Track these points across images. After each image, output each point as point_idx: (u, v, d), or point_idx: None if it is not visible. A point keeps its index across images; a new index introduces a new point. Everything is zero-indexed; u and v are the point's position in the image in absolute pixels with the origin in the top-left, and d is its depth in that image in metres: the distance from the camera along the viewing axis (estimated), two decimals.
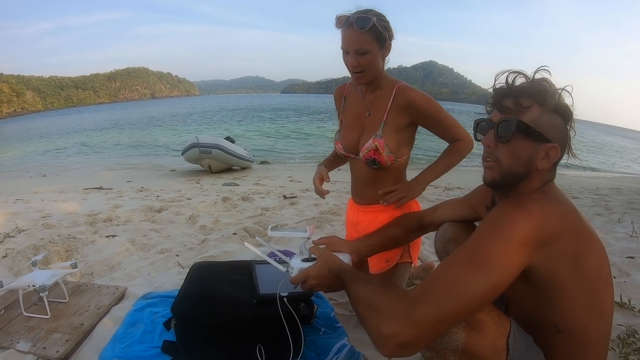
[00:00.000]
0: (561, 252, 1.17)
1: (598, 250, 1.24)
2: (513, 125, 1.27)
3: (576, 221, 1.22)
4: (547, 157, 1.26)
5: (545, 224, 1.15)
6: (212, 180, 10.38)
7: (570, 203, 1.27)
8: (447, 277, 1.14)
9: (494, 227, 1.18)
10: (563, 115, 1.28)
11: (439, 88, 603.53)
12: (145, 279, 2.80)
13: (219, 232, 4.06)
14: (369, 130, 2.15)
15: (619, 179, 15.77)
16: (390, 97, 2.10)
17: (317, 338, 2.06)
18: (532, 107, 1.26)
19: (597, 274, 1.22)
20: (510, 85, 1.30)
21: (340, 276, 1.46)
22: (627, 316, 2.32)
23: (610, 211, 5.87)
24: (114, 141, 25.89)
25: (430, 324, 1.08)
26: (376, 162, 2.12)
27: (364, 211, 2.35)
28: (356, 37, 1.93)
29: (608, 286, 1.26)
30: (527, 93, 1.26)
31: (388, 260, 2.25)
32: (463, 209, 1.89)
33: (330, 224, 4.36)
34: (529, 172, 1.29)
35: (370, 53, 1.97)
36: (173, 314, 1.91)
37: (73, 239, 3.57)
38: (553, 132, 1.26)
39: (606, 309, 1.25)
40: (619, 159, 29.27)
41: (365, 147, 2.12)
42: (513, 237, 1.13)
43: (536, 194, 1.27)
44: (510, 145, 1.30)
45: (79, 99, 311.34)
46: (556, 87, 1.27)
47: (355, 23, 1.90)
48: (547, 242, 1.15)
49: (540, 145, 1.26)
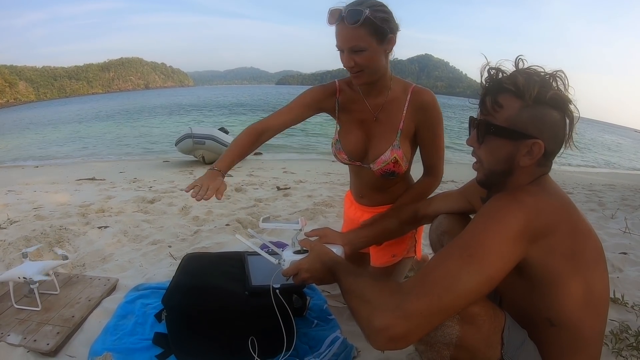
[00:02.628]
0: (556, 246, 1.16)
1: (594, 244, 1.23)
2: (484, 127, 1.28)
3: (572, 214, 1.22)
4: (529, 154, 1.24)
5: (539, 216, 1.15)
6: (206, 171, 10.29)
7: (565, 196, 1.27)
8: (441, 269, 1.12)
9: (488, 219, 1.18)
10: (552, 106, 1.21)
11: (434, 82, 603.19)
12: (137, 271, 2.79)
13: (211, 223, 4.05)
14: (380, 138, 1.99)
15: (612, 176, 15.85)
16: (405, 102, 1.94)
17: (309, 330, 2.06)
18: (510, 103, 1.23)
19: (593, 269, 1.21)
20: (489, 82, 1.28)
21: (332, 269, 1.45)
22: (621, 312, 2.33)
23: (603, 207, 5.88)
24: (107, 132, 25.74)
25: (422, 316, 1.07)
26: (395, 173, 2.00)
27: (369, 212, 2.24)
28: (349, 34, 1.71)
29: (604, 281, 1.25)
30: (505, 89, 1.23)
31: (395, 255, 2.19)
32: (458, 201, 1.88)
33: (323, 216, 4.36)
34: (511, 169, 1.29)
35: (367, 50, 1.73)
36: (164, 305, 1.90)
37: (65, 230, 3.56)
38: (536, 126, 1.22)
39: (601, 305, 1.24)
40: (613, 156, 29.37)
41: (383, 160, 1.97)
42: (507, 230, 1.12)
43: (531, 187, 1.26)
44: (487, 145, 1.31)
45: (72, 90, 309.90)
46: (543, 76, 1.22)
47: (346, 18, 1.67)
48: (542, 234, 1.14)
49: (520, 142, 1.24)
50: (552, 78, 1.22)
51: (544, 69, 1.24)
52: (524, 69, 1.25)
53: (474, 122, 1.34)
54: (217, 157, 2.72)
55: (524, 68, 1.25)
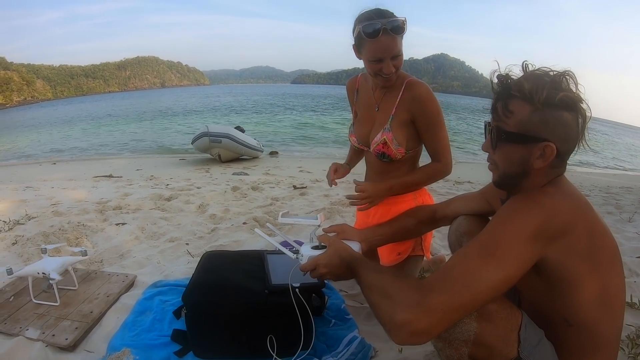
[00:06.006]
0: (573, 246, 1.17)
1: (610, 244, 1.25)
2: (496, 134, 1.31)
3: (589, 215, 1.23)
4: (542, 156, 1.25)
5: (557, 216, 1.17)
6: (222, 170, 10.42)
7: (582, 197, 1.28)
8: (461, 267, 1.16)
9: (507, 219, 1.21)
10: (563, 107, 1.21)
11: (450, 81, 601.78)
12: (155, 267, 2.80)
13: (228, 222, 4.06)
14: (379, 124, 2.15)
15: (629, 178, 15.67)
16: (399, 92, 2.09)
17: (327, 329, 2.06)
18: (520, 108, 1.24)
19: (609, 269, 1.23)
20: (499, 88, 1.30)
21: (351, 264, 1.46)
22: (637, 316, 2.29)
23: (621, 210, 5.79)
24: (124, 129, 26.00)
25: (443, 312, 1.11)
26: (385, 155, 2.12)
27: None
28: (392, 43, 1.90)
29: (620, 282, 1.26)
30: (513, 95, 1.25)
31: (400, 253, 2.24)
32: (478, 203, 1.89)
33: (340, 215, 4.34)
34: (526, 172, 1.30)
35: (402, 54, 1.95)
36: (184, 302, 1.90)
37: (83, 227, 3.59)
38: (547, 129, 1.22)
39: (617, 305, 1.26)
40: (631, 158, 29.03)
41: (375, 141, 2.13)
42: (525, 229, 1.15)
43: (548, 188, 1.28)
44: (501, 150, 1.34)
45: (88, 88, 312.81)
46: (552, 77, 1.22)
47: (393, 30, 1.86)
48: (560, 234, 1.16)
49: (532, 145, 1.25)
50: (562, 78, 1.22)
51: (552, 69, 1.24)
52: (532, 72, 1.26)
53: (487, 128, 1.37)
54: (234, 155, 2.60)
55: (532, 70, 1.26)
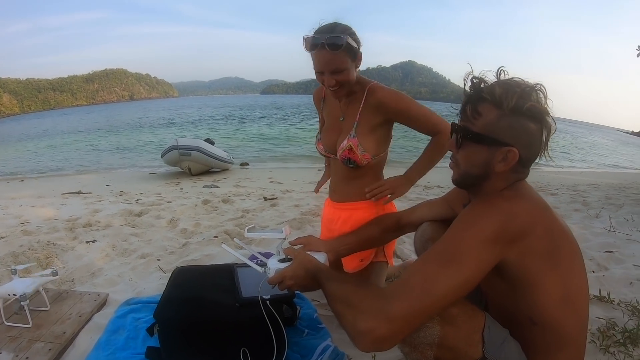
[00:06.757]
0: (533, 247, 1.21)
1: (569, 243, 1.28)
2: (463, 133, 1.34)
3: (547, 216, 1.26)
4: (504, 160, 1.28)
5: (515, 219, 1.20)
6: (192, 183, 10.34)
7: (540, 199, 1.31)
8: (420, 273, 1.19)
9: (465, 224, 1.24)
10: (529, 117, 1.25)
11: (418, 87, 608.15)
12: (127, 285, 2.79)
13: (199, 236, 4.06)
14: (345, 131, 2.17)
15: (596, 175, 16.02)
16: (362, 99, 2.12)
17: (300, 339, 2.08)
18: (488, 112, 1.27)
19: (570, 269, 1.26)
20: (471, 90, 1.33)
21: (316, 275, 1.48)
22: (607, 309, 2.38)
23: (588, 207, 5.96)
24: (93, 144, 25.54)
25: (404, 319, 1.14)
26: (352, 161, 2.14)
27: (339, 209, 2.36)
28: (331, 59, 1.92)
29: (582, 280, 1.29)
30: (484, 98, 1.28)
31: (362, 259, 2.27)
32: (441, 209, 1.93)
33: (310, 225, 4.38)
34: (487, 174, 1.33)
35: (345, 70, 1.97)
36: (156, 319, 1.91)
37: (53, 246, 3.55)
38: (512, 135, 1.26)
39: (580, 303, 1.29)
40: (597, 155, 29.80)
41: (341, 147, 2.15)
42: (483, 233, 1.18)
43: (507, 192, 1.32)
44: (464, 149, 1.36)
45: (56, 102, 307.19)
46: (523, 88, 1.25)
47: (328, 46, 1.88)
48: (518, 237, 1.19)
49: (496, 149, 1.28)
50: (532, 90, 1.25)
51: (524, 80, 1.27)
52: (504, 80, 1.29)
53: (454, 128, 1.39)
54: (204, 168, 2.59)
55: (505, 79, 1.29)
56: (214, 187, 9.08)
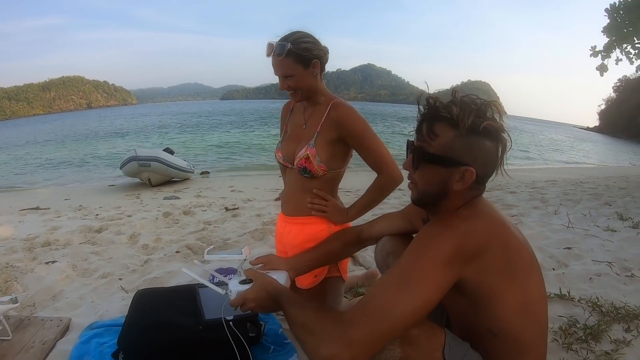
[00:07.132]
0: (490, 264, 1.24)
1: (527, 257, 1.32)
2: (419, 155, 1.36)
3: (504, 232, 1.30)
4: (462, 180, 1.30)
5: (471, 239, 1.23)
6: (153, 194, 10.20)
7: (497, 215, 1.35)
8: (379, 298, 1.21)
9: (422, 246, 1.27)
10: (485, 135, 1.28)
11: (377, 90, 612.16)
12: (89, 307, 2.76)
13: (161, 251, 4.06)
14: (305, 140, 2.20)
15: (553, 171, 16.43)
16: (325, 111, 2.16)
17: (267, 357, 2.12)
18: (444, 133, 1.29)
19: (527, 280, 1.30)
20: (426, 109, 1.34)
21: (276, 298, 1.50)
22: (568, 307, 2.46)
23: (546, 204, 6.15)
24: (50, 156, 24.81)
25: (365, 344, 1.16)
26: (307, 170, 2.17)
27: (290, 222, 2.37)
28: (279, 64, 2.06)
29: (539, 290, 1.35)
30: (441, 118, 1.29)
31: (316, 275, 2.27)
32: (400, 222, 1.98)
33: (272, 235, 4.39)
34: (445, 193, 1.35)
35: (295, 76, 2.07)
36: (119, 346, 1.91)
37: (11, 268, 3.49)
38: (469, 154, 1.28)
39: (539, 311, 1.34)
40: (553, 152, 30.60)
41: (298, 156, 2.18)
42: (440, 255, 1.21)
43: (464, 210, 1.34)
44: (421, 170, 1.38)
45: (12, 111, 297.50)
46: (479, 105, 1.28)
47: (276, 53, 2.03)
48: (475, 256, 1.23)
49: (453, 168, 1.30)
50: (488, 107, 1.29)
51: (480, 98, 1.30)
52: (460, 98, 1.30)
53: (410, 147, 1.41)
54: (164, 178, 2.57)
55: (461, 97, 1.31)
56: (175, 198, 9.00)
